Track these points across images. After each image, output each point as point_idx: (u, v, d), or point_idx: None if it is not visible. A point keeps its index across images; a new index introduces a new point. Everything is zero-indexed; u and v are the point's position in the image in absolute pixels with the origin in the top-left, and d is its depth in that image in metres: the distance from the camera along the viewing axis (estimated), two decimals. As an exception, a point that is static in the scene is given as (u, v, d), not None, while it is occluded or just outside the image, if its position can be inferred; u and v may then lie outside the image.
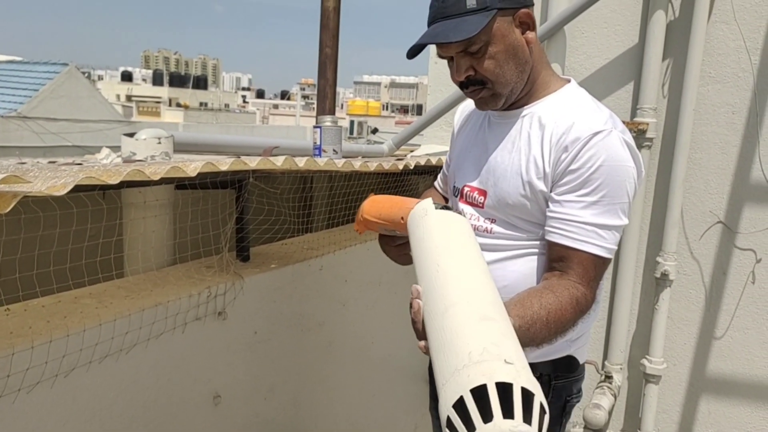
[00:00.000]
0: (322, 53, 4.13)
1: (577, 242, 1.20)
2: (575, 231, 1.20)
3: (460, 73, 1.27)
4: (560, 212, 1.22)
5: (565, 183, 1.21)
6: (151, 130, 1.80)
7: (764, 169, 2.64)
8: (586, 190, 1.19)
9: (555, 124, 1.25)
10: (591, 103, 1.29)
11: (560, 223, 1.22)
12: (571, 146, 1.20)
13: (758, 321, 2.76)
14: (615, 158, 1.19)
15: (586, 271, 1.20)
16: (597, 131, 1.19)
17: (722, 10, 2.64)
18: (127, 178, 0.99)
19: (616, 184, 1.19)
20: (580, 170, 1.19)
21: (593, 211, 1.19)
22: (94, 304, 1.47)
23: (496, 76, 1.25)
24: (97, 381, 1.41)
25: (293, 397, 2.11)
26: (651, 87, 2.73)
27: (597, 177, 1.18)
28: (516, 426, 0.70)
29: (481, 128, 1.43)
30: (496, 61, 1.24)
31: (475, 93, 1.30)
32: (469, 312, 0.86)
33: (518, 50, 1.25)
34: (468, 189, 1.40)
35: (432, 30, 1.24)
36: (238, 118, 35.48)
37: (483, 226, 1.35)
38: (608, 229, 1.20)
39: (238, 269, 1.88)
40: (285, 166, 1.36)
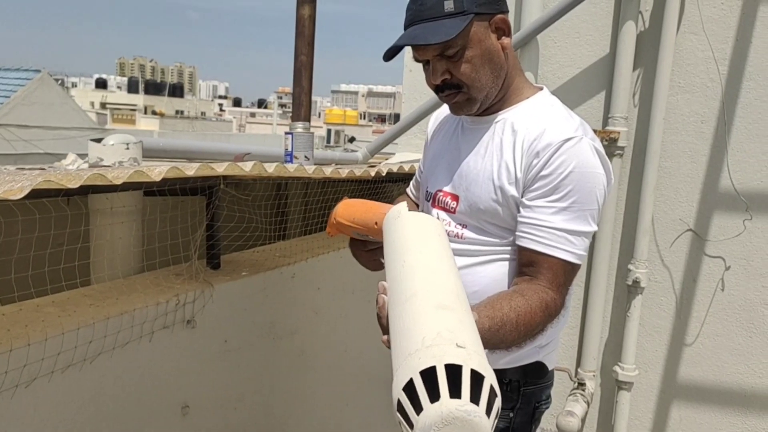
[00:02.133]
0: (297, 61, 4.11)
1: (547, 248, 1.21)
2: (546, 236, 1.21)
3: (436, 77, 1.27)
4: (531, 217, 1.22)
5: (537, 188, 1.22)
6: (119, 136, 1.77)
7: (732, 178, 2.67)
8: (557, 195, 1.20)
9: (527, 131, 1.26)
10: (563, 110, 1.31)
11: (531, 228, 1.22)
12: (542, 152, 1.21)
13: (728, 328, 2.79)
14: (585, 165, 1.20)
15: (556, 276, 1.21)
16: (568, 138, 1.20)
17: (691, 21, 2.68)
18: (87, 182, 0.97)
19: (586, 191, 1.20)
20: (551, 176, 1.20)
21: (564, 216, 1.20)
22: (57, 312, 1.44)
23: (472, 80, 1.26)
24: (60, 391, 1.38)
25: (264, 406, 2.08)
26: (622, 96, 2.76)
27: (567, 183, 1.19)
28: (462, 405, 0.68)
29: (454, 134, 1.43)
30: (473, 66, 1.25)
31: (451, 97, 1.30)
32: (427, 301, 0.86)
33: (494, 55, 1.27)
34: (441, 194, 1.40)
35: (410, 32, 1.25)
36: (215, 126, 35.27)
37: (454, 231, 1.35)
38: (578, 235, 1.21)
39: (208, 277, 1.85)
40: (254, 172, 1.35)
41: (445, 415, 0.68)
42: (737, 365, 2.80)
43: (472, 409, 0.69)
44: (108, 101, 44.76)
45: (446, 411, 0.68)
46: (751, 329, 2.76)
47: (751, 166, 2.66)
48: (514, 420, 1.36)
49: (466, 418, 0.68)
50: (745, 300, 2.75)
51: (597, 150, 1.23)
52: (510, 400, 1.35)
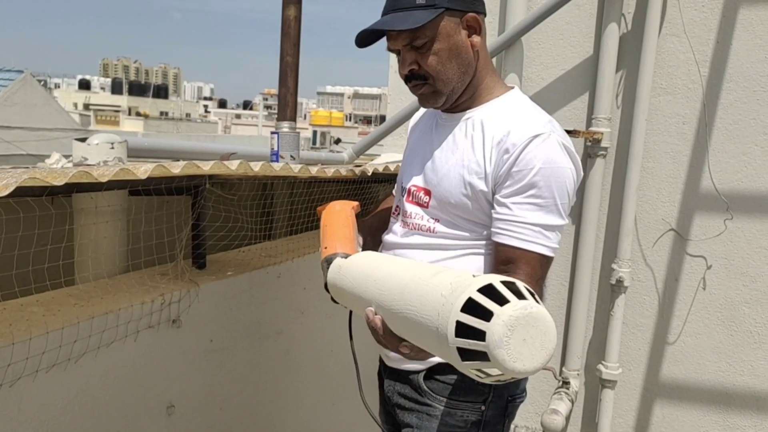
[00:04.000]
0: (283, 62, 4.11)
1: (524, 243, 1.24)
2: (522, 232, 1.24)
3: (404, 67, 1.32)
4: (506, 214, 1.26)
5: (509, 185, 1.25)
6: (103, 135, 1.76)
7: (713, 178, 2.71)
8: (530, 191, 1.23)
9: (496, 127, 1.29)
10: (531, 108, 1.34)
11: (507, 225, 1.25)
12: (511, 148, 1.24)
13: (709, 326, 2.83)
14: (554, 160, 1.24)
15: (533, 270, 1.24)
16: (536, 134, 1.24)
17: (673, 23, 2.71)
18: (72, 179, 0.97)
19: (557, 186, 1.24)
20: (522, 172, 1.23)
21: (538, 212, 1.24)
22: (42, 311, 1.43)
23: (438, 72, 1.29)
24: (44, 391, 1.37)
25: (250, 407, 2.08)
26: (605, 97, 2.79)
27: (539, 179, 1.23)
28: (530, 304, 0.80)
29: (429, 130, 1.47)
30: (439, 58, 1.28)
31: (417, 88, 1.34)
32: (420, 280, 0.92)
33: (462, 51, 1.30)
34: (414, 188, 1.43)
35: (381, 19, 1.30)
36: (200, 127, 35.09)
37: (427, 225, 1.38)
38: (552, 229, 1.25)
39: (194, 276, 1.85)
40: (240, 171, 1.35)
41: (519, 311, 0.79)
42: (719, 363, 2.83)
43: (537, 310, 0.80)
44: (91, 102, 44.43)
45: (518, 308, 0.79)
46: (732, 327, 2.79)
47: (731, 166, 2.70)
48: (486, 413, 1.39)
49: (531, 311, 0.80)
50: (726, 299, 2.78)
51: (565, 146, 1.27)
52: (481, 393, 1.38)
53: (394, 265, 1.06)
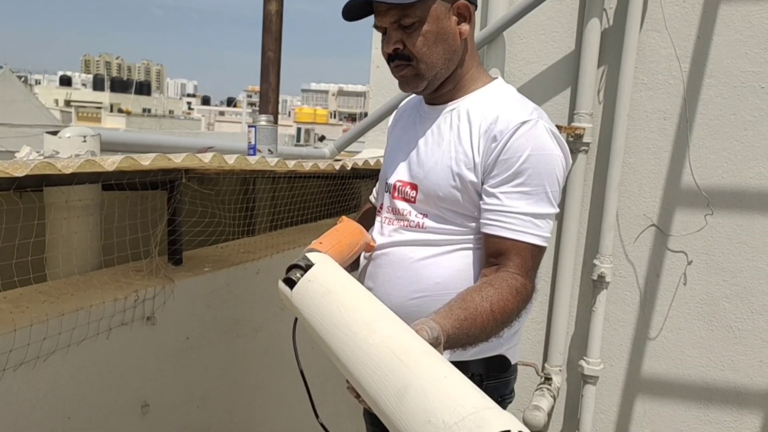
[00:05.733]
0: (264, 57, 4.07)
1: (514, 233, 1.21)
2: (512, 222, 1.21)
3: (389, 45, 1.28)
4: (495, 204, 1.23)
5: (497, 174, 1.22)
6: (75, 128, 1.72)
7: (694, 174, 2.71)
8: (519, 180, 1.21)
9: (482, 116, 1.27)
10: (517, 97, 1.33)
11: (496, 215, 1.22)
12: (499, 136, 1.22)
13: (690, 321, 2.83)
14: (543, 147, 1.21)
15: (525, 261, 1.22)
16: (524, 121, 1.22)
17: (654, 18, 2.71)
18: (36, 171, 0.94)
19: (546, 173, 1.21)
20: (510, 160, 1.21)
21: (527, 200, 1.21)
22: (9, 308, 1.39)
23: (423, 54, 1.26)
24: (12, 390, 1.33)
25: (227, 405, 2.04)
26: (587, 93, 2.79)
27: (528, 167, 1.20)
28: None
29: (412, 124, 1.43)
30: (426, 40, 1.25)
31: (399, 69, 1.30)
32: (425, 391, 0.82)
33: (449, 37, 1.27)
34: (400, 184, 1.39)
35: None
36: (183, 124, 34.87)
37: (415, 221, 1.34)
38: (542, 218, 1.23)
39: (169, 273, 1.81)
40: (214, 164, 1.32)
41: None
42: (699, 358, 2.84)
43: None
44: (73, 99, 43.95)
45: None
46: (713, 322, 2.80)
47: (712, 162, 2.70)
48: None
49: None
50: (707, 294, 2.79)
51: (553, 132, 1.25)
52: None
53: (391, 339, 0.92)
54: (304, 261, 1.15)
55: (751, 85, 2.62)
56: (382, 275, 1.39)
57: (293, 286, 1.14)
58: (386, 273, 1.38)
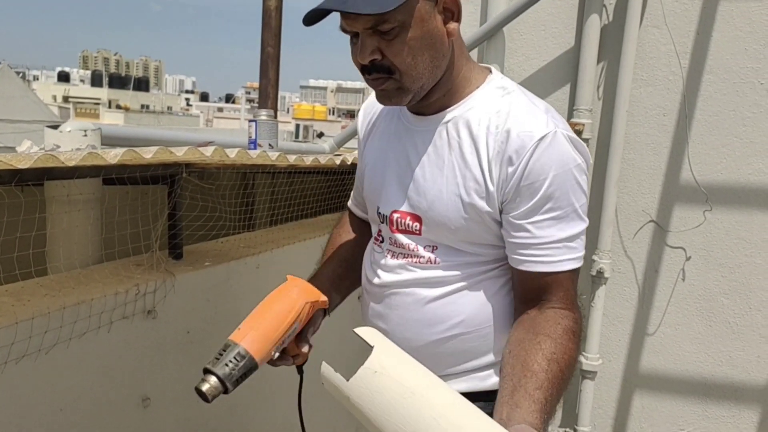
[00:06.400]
0: (264, 53, 4.07)
1: (552, 265, 1.08)
2: (547, 253, 1.08)
3: (364, 55, 1.05)
4: (525, 237, 1.08)
5: (521, 202, 1.07)
6: (76, 122, 1.72)
7: (693, 170, 2.72)
8: (547, 205, 1.06)
9: (488, 131, 1.09)
10: (522, 98, 1.13)
11: (529, 249, 1.08)
12: (515, 158, 1.05)
13: (688, 317, 2.84)
14: (567, 162, 1.06)
15: (567, 290, 1.10)
16: (541, 136, 1.05)
17: (654, 14, 2.71)
18: (38, 164, 0.94)
19: (573, 188, 1.07)
20: (534, 185, 1.05)
21: (559, 225, 1.07)
22: (11, 302, 1.40)
23: (407, 66, 1.05)
24: (14, 383, 1.34)
25: (228, 399, 2.05)
26: (587, 89, 2.79)
27: (554, 189, 1.05)
28: None
29: (396, 136, 1.22)
30: (410, 49, 1.04)
31: (378, 82, 1.08)
32: None
33: (437, 41, 1.06)
34: (398, 215, 1.20)
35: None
36: (182, 120, 34.85)
37: (425, 256, 1.18)
38: (576, 238, 1.09)
39: (170, 267, 1.82)
40: (215, 158, 1.32)
41: None
42: (697, 354, 2.85)
43: None
44: (71, 95, 43.89)
45: None
46: (711, 318, 2.81)
47: (711, 158, 2.71)
48: None
49: None
50: (705, 290, 2.80)
51: (571, 138, 1.08)
52: None
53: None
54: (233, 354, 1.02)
55: (751, 81, 2.63)
56: (396, 317, 1.24)
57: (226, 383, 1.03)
58: (401, 315, 1.23)
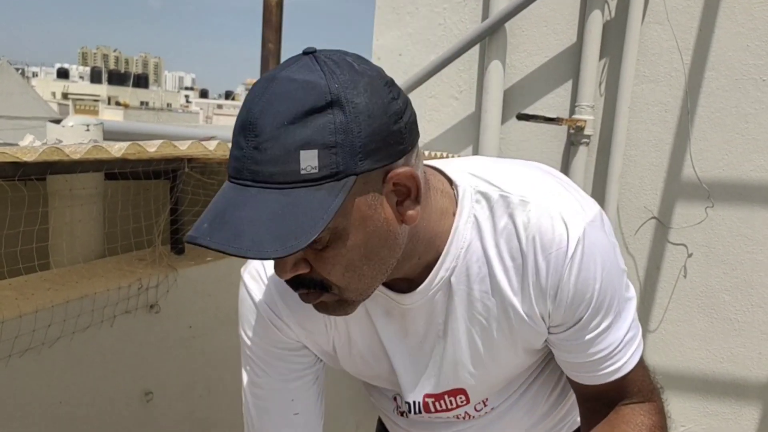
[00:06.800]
0: (264, 49, 4.06)
1: (620, 370, 0.90)
2: (613, 360, 0.89)
3: (284, 270, 0.75)
4: (588, 354, 0.90)
5: (574, 325, 0.88)
6: (78, 117, 1.72)
7: (695, 166, 2.72)
8: (600, 314, 0.87)
9: (507, 269, 0.85)
10: (515, 200, 0.84)
11: (592, 365, 0.90)
12: (558, 293, 0.84)
13: (690, 314, 2.84)
14: (606, 258, 0.85)
15: (641, 383, 0.94)
16: (574, 248, 0.82)
17: (656, 11, 2.71)
18: (43, 156, 0.94)
19: (619, 279, 0.88)
20: (582, 304, 0.85)
21: (617, 325, 0.89)
22: (14, 295, 1.40)
23: (347, 281, 0.77)
24: (17, 376, 1.34)
25: (230, 394, 2.05)
26: (589, 85, 2.79)
27: (604, 294, 0.86)
28: None
29: (384, 317, 0.92)
30: (349, 261, 0.75)
31: (311, 296, 0.79)
32: None
33: (388, 237, 0.76)
34: (432, 399, 0.98)
35: (231, 212, 0.69)
36: (181, 117, 34.86)
37: (473, 413, 1.01)
38: (633, 322, 0.92)
39: (172, 262, 1.82)
40: (219, 152, 1.32)
41: None
42: (699, 350, 2.85)
43: None
44: (70, 91, 43.88)
45: None
46: (712, 315, 2.81)
47: (713, 154, 2.71)
48: None
49: None
50: (707, 286, 2.80)
51: (594, 221, 0.85)
52: None
53: None
54: None
55: (753, 77, 2.63)
56: None
57: None
58: None
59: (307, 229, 0.67)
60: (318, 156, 0.67)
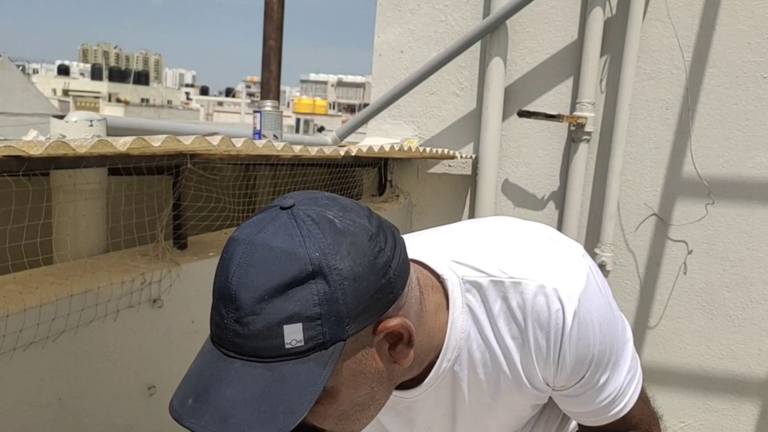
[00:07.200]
0: (266, 45, 4.07)
1: (624, 409, 0.92)
2: (616, 402, 0.90)
3: None
4: (592, 404, 0.90)
5: (577, 383, 0.88)
6: (82, 113, 1.73)
7: (695, 163, 2.73)
8: (602, 368, 0.87)
9: (509, 349, 0.85)
10: (505, 280, 0.83)
11: (598, 412, 0.91)
12: (560, 362, 0.84)
13: (689, 310, 2.86)
14: (603, 320, 0.85)
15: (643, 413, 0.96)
16: (569, 326, 0.82)
17: (657, 8, 2.72)
18: (50, 150, 0.95)
19: (614, 330, 0.88)
20: (584, 365, 0.85)
21: (617, 371, 0.89)
22: (19, 289, 1.41)
23: (342, 427, 0.77)
24: (22, 369, 1.35)
25: (232, 388, 2.06)
26: (589, 82, 2.80)
27: (603, 352, 0.86)
28: None
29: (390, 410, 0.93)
30: (342, 413, 0.75)
31: None
32: None
33: (381, 382, 0.76)
34: None
35: (216, 389, 0.70)
36: (182, 114, 34.86)
37: None
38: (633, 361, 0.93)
39: (175, 257, 1.83)
40: (222, 147, 1.33)
41: None
42: (698, 347, 2.87)
43: None
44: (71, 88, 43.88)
45: None
46: (712, 311, 2.82)
47: (713, 151, 2.72)
48: None
49: None
50: (707, 283, 2.81)
51: (588, 288, 0.84)
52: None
53: None
54: None
55: (753, 75, 2.64)
56: None
57: None
58: None
59: (296, 407, 0.65)
60: (303, 329, 0.65)
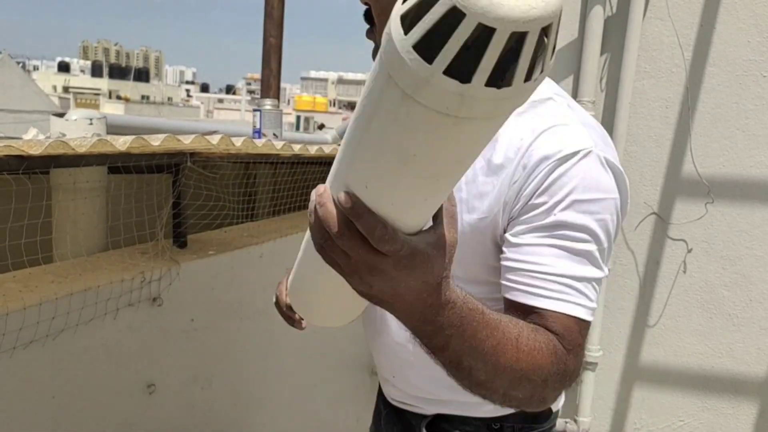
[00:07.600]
0: (266, 43, 4.07)
1: (542, 300, 0.85)
2: (540, 285, 0.85)
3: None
4: (521, 261, 0.86)
5: (527, 220, 0.86)
6: (82, 111, 1.73)
7: (695, 162, 2.73)
8: (556, 231, 0.85)
9: (510, 140, 0.88)
10: (554, 107, 0.90)
11: (523, 276, 0.86)
12: (536, 170, 0.85)
13: (688, 309, 2.85)
14: (593, 188, 0.86)
15: (570, 334, 0.85)
16: (573, 152, 0.85)
17: (657, 6, 2.71)
18: (49, 150, 0.95)
19: (593, 224, 0.86)
20: (547, 204, 0.85)
21: (566, 259, 0.85)
22: (19, 287, 1.41)
23: None
24: (22, 368, 1.35)
25: (231, 386, 2.07)
26: (590, 81, 2.79)
27: (570, 216, 0.84)
28: None
29: None
30: None
31: None
32: None
33: None
34: None
35: None
36: (182, 111, 34.84)
37: None
38: (586, 282, 0.86)
39: (175, 255, 1.83)
40: (221, 146, 1.33)
41: None
42: (698, 345, 2.87)
43: None
44: (71, 85, 43.85)
45: None
46: (711, 310, 2.82)
47: (713, 150, 2.71)
48: None
49: None
50: (706, 282, 2.81)
51: (609, 163, 0.89)
52: None
53: None
54: None
55: (753, 73, 2.63)
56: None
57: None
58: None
59: None
60: None
